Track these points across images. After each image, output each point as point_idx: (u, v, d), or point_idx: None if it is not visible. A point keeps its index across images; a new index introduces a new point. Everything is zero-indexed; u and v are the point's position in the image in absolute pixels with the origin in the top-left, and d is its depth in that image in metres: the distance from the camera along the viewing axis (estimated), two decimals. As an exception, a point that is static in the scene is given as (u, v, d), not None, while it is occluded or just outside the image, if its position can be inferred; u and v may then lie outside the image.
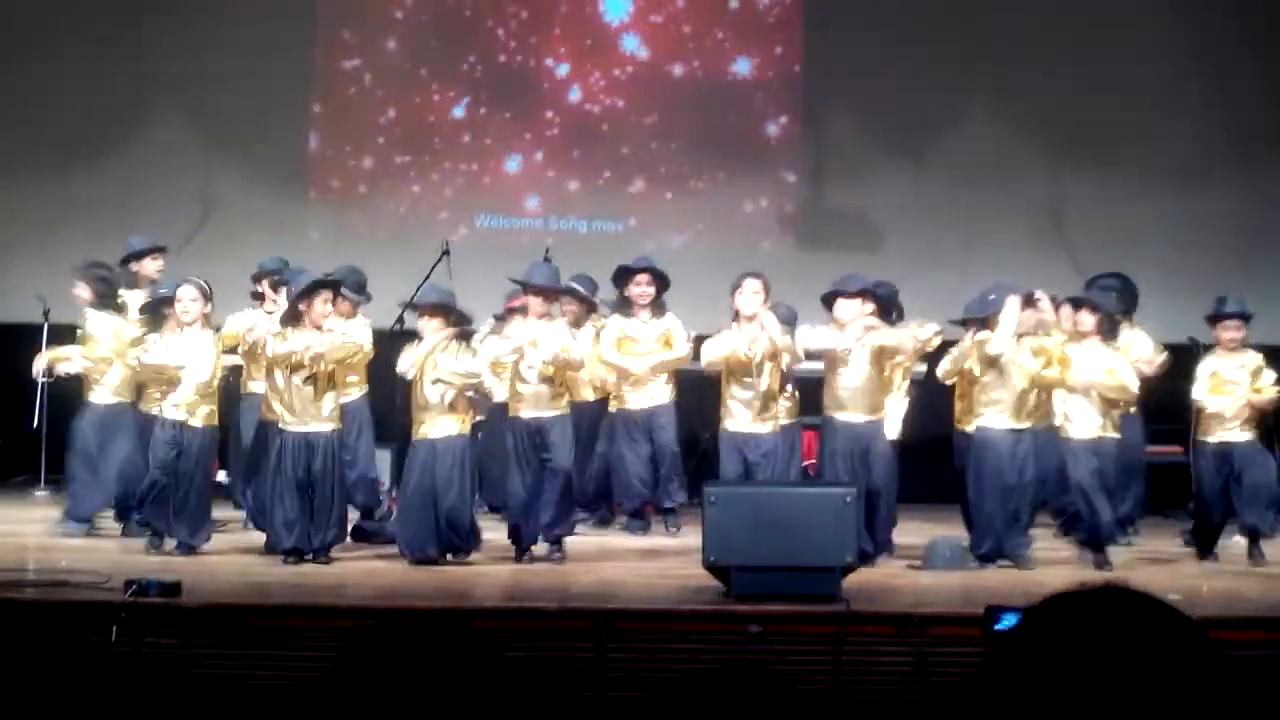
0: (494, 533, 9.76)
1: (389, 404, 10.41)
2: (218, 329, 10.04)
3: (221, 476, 11.06)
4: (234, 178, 14.05)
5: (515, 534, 9.44)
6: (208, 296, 9.78)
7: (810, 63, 14.49)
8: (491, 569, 9.20)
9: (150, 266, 11.08)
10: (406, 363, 9.39)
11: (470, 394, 9.56)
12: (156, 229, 12.80)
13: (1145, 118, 14.10)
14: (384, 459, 11.03)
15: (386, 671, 1.85)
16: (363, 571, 9.08)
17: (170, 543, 9.37)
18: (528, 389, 9.48)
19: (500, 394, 9.99)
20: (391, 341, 10.16)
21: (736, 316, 10.08)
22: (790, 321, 10.26)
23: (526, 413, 9.49)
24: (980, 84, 14.26)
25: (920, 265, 12.95)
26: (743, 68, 14.60)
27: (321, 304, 9.30)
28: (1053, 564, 9.39)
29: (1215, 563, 9.78)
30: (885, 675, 7.24)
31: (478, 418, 12.42)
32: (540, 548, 9.38)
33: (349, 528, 10.23)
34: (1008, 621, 6.76)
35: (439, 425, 9.31)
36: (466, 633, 1.94)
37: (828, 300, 9.85)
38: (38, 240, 13.63)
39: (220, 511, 10.18)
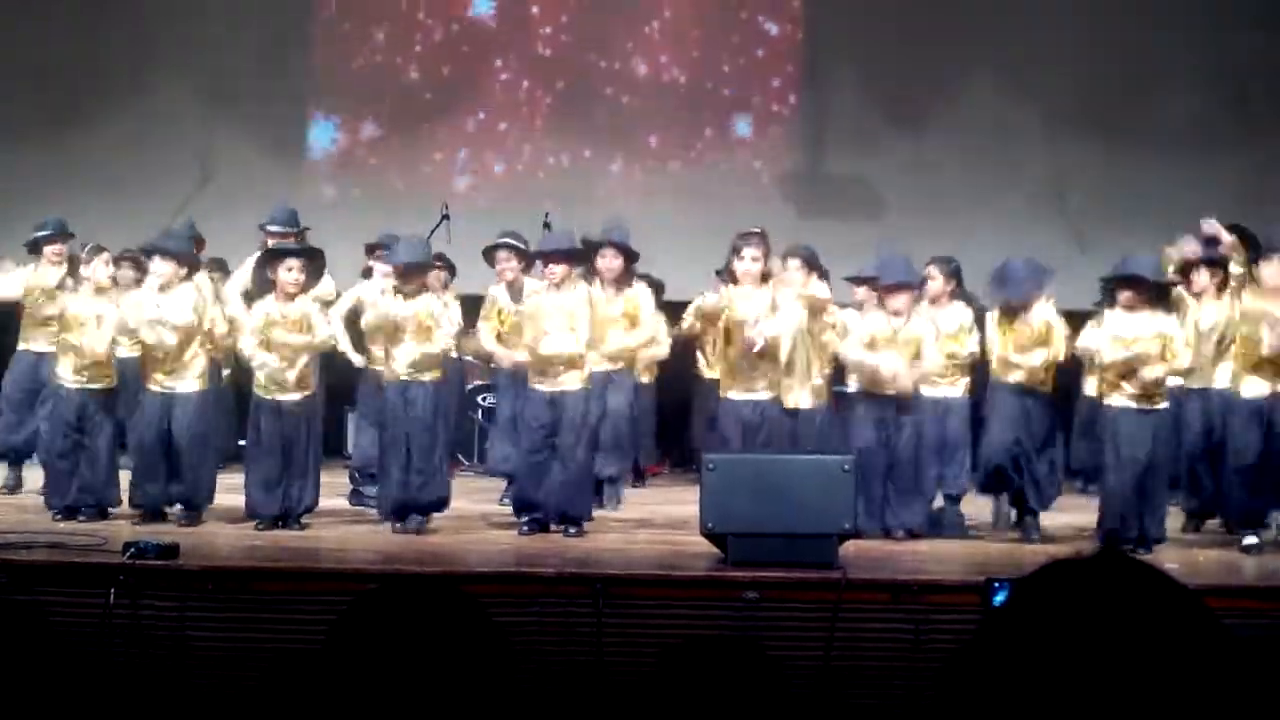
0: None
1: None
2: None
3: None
4: (233, 139, 14.03)
5: (523, 505, 9.25)
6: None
7: (812, 29, 14.46)
8: (489, 535, 9.22)
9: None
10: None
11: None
12: (155, 191, 12.82)
13: (1147, 86, 14.07)
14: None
15: (389, 635, 1.86)
16: (360, 536, 9.09)
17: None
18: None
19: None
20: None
21: (732, 278, 9.44)
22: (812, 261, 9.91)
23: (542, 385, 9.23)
24: (982, 52, 14.23)
25: (921, 233, 12.91)
26: (744, 34, 14.56)
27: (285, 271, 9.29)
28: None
29: None
30: (882, 643, 7.26)
31: (477, 381, 12.45)
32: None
33: (349, 493, 10.29)
34: (1005, 595, 6.77)
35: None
36: (461, 598, 1.94)
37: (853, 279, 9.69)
38: (37, 204, 13.59)
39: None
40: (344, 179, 14.45)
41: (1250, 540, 8.99)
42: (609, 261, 10.02)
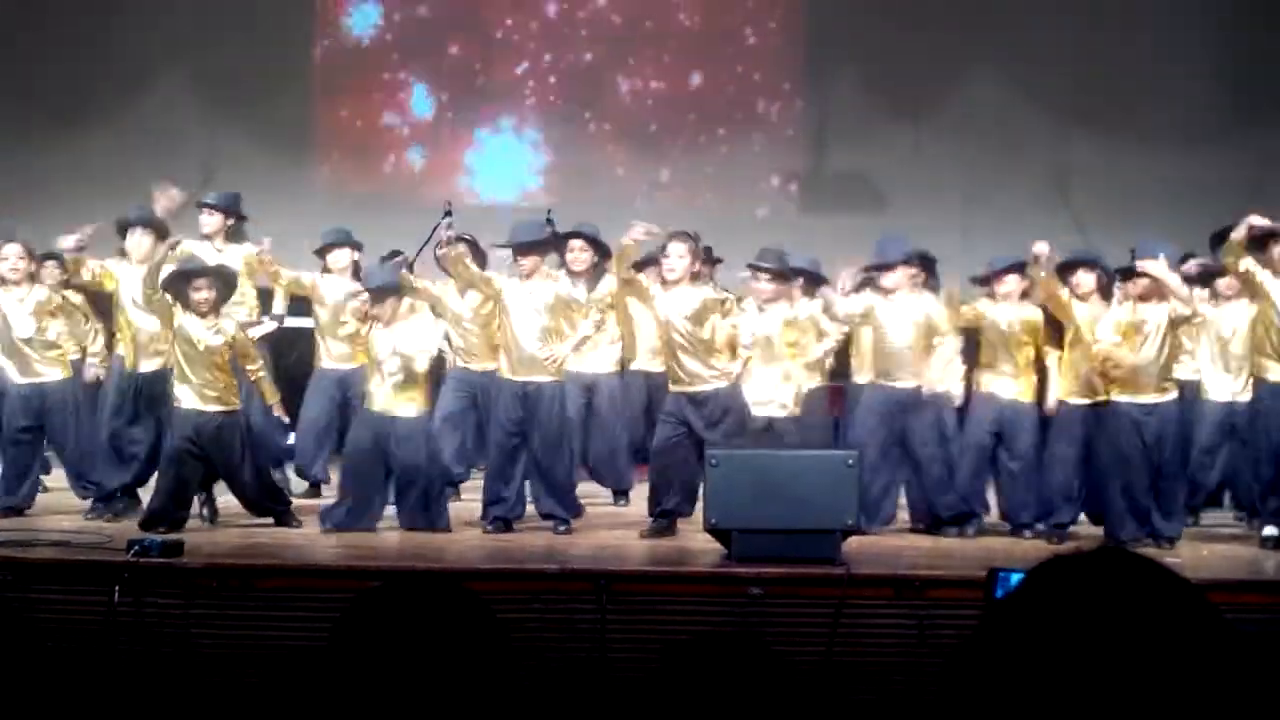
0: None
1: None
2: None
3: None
4: (237, 137, 14.02)
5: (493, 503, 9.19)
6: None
7: (813, 24, 14.45)
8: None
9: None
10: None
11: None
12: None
13: (1148, 80, 14.06)
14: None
15: (393, 632, 1.86)
16: (362, 534, 9.06)
17: None
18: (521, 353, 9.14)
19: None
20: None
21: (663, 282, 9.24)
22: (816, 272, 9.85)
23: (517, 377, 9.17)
24: (983, 46, 14.22)
25: (922, 227, 12.89)
26: (746, 30, 14.55)
27: None
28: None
29: None
30: (885, 638, 7.26)
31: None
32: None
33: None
34: (1010, 584, 6.76)
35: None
36: (464, 594, 1.95)
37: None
38: (40, 200, 13.60)
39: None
40: (348, 176, 14.43)
41: (1271, 531, 8.83)
42: (577, 254, 9.81)
